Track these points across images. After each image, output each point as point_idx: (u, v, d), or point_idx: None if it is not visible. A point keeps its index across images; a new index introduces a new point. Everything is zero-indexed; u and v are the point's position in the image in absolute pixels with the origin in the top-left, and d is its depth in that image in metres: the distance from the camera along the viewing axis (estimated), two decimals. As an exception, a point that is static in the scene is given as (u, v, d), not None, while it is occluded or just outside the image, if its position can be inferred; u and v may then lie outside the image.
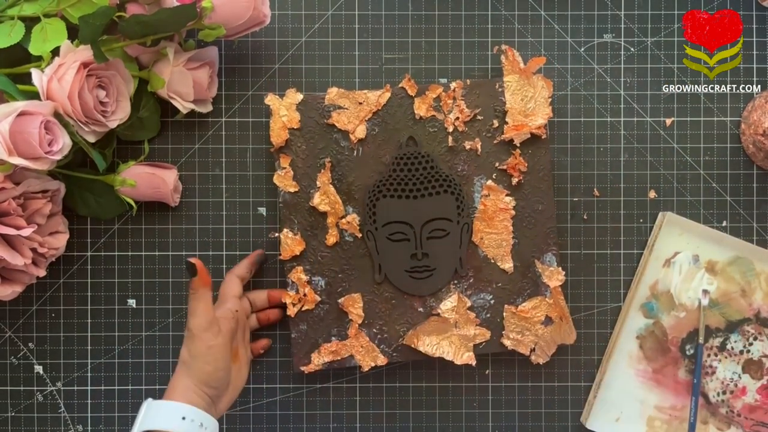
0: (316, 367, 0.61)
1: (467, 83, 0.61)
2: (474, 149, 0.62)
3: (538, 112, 0.61)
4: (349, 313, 0.61)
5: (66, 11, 0.56)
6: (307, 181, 0.61)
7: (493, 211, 0.62)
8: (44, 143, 0.52)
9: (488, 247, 0.62)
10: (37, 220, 0.57)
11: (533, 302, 0.62)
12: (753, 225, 0.65)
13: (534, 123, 0.61)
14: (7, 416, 0.64)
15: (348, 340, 0.61)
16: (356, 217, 0.61)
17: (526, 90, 0.61)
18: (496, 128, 0.62)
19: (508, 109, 0.61)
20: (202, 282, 0.53)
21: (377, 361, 0.61)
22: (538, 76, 0.61)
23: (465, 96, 0.61)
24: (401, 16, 0.64)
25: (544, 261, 0.62)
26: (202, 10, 0.55)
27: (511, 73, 0.61)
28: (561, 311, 0.62)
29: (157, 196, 0.61)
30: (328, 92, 0.61)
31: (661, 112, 0.65)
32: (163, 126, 0.63)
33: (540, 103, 0.61)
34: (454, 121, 0.61)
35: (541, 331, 0.62)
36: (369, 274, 0.62)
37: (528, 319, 0.62)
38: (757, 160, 0.64)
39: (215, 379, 0.53)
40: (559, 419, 0.65)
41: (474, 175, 0.62)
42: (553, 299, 0.62)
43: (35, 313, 0.64)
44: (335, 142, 0.61)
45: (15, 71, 0.56)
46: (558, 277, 0.62)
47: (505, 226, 0.62)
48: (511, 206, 0.62)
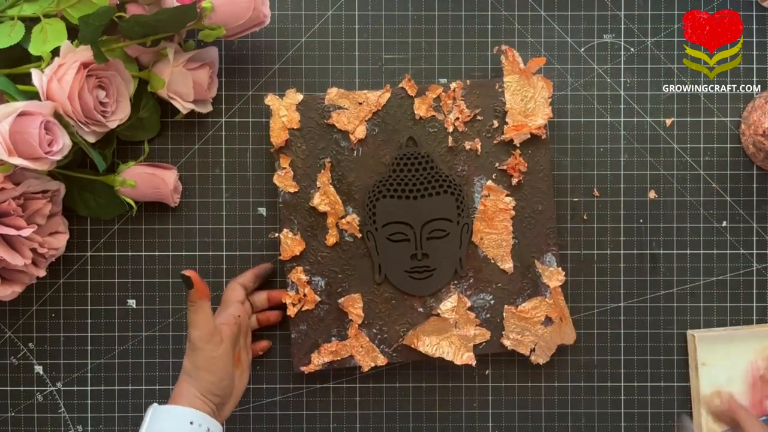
0: (316, 368, 0.61)
1: (467, 83, 0.61)
2: (474, 149, 0.62)
3: (538, 113, 0.61)
4: (349, 314, 0.61)
5: (66, 11, 0.56)
6: (307, 181, 0.61)
7: (493, 212, 0.62)
8: (44, 143, 0.52)
9: (488, 247, 0.62)
10: (37, 220, 0.57)
11: (533, 302, 0.62)
12: (753, 225, 0.65)
13: (534, 123, 0.61)
14: (7, 416, 0.64)
15: (348, 341, 0.61)
16: (356, 217, 0.61)
17: (526, 90, 0.61)
18: (496, 128, 0.62)
19: (508, 110, 0.61)
20: (200, 293, 0.53)
21: (377, 362, 0.61)
22: (538, 76, 0.61)
23: (465, 96, 0.61)
24: (401, 16, 0.64)
25: (544, 261, 0.62)
26: (202, 10, 0.55)
27: (511, 73, 0.61)
28: (561, 311, 0.62)
29: (157, 196, 0.61)
30: (328, 92, 0.61)
31: (661, 112, 0.65)
32: (163, 126, 0.63)
33: (540, 103, 0.61)
34: (454, 121, 0.61)
35: (541, 332, 0.62)
36: (369, 274, 0.62)
37: (528, 320, 0.62)
38: (757, 160, 0.64)
39: (220, 387, 0.53)
40: (559, 419, 0.65)
41: (474, 176, 0.62)
42: (553, 299, 0.62)
43: (35, 313, 0.64)
44: (335, 142, 0.61)
45: (15, 71, 0.56)
46: (558, 277, 0.62)
47: (505, 226, 0.62)
48: (511, 206, 0.62)
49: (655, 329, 0.65)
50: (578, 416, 0.65)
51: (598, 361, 0.65)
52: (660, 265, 0.65)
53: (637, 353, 0.65)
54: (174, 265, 0.64)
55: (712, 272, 0.65)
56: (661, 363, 0.65)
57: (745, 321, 0.65)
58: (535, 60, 0.61)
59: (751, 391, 0.64)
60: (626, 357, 0.65)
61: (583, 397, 0.65)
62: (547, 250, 0.62)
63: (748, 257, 0.65)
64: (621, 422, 0.65)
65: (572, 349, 0.64)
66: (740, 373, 0.64)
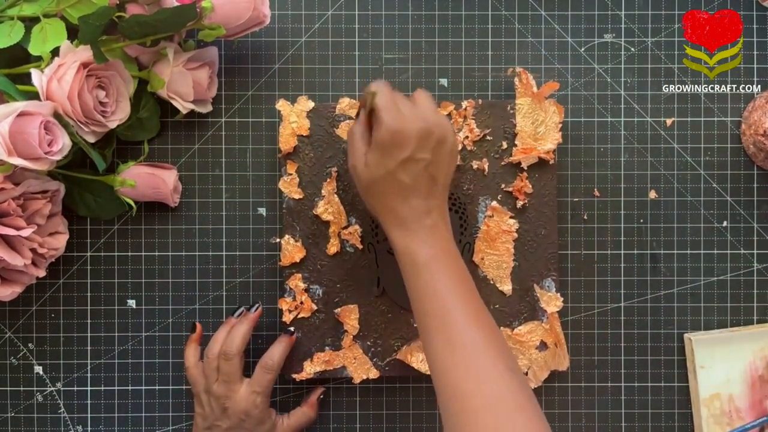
0: (308, 375, 0.61)
1: (479, 103, 0.61)
2: (481, 169, 0.61)
3: (547, 137, 0.61)
4: (345, 324, 0.61)
5: (66, 11, 0.56)
6: (312, 189, 0.61)
7: (495, 233, 0.61)
8: (44, 144, 0.52)
9: (488, 267, 0.62)
10: (37, 220, 0.57)
11: (529, 326, 0.62)
12: (753, 225, 0.65)
13: (543, 147, 0.61)
14: (6, 417, 0.64)
15: (341, 351, 0.61)
16: (359, 228, 0.61)
17: (537, 114, 0.61)
18: (505, 150, 0.61)
19: (518, 132, 0.61)
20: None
21: (369, 374, 0.61)
22: (551, 101, 0.61)
23: (476, 115, 0.61)
24: (401, 16, 0.64)
25: (543, 286, 0.62)
26: (202, 10, 0.55)
27: (524, 95, 0.61)
28: (556, 337, 0.61)
29: (156, 196, 0.61)
30: (339, 102, 0.61)
31: (661, 112, 0.65)
32: (163, 126, 0.63)
33: (550, 128, 0.61)
34: (463, 139, 0.61)
35: (535, 356, 0.62)
36: (367, 286, 0.61)
37: (523, 343, 0.61)
38: (757, 160, 0.64)
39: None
40: (559, 419, 0.65)
41: (479, 195, 0.62)
42: (550, 325, 0.61)
43: (35, 313, 0.64)
44: (343, 152, 0.61)
45: (15, 71, 0.56)
46: (556, 302, 0.61)
47: (506, 248, 0.62)
48: (514, 229, 0.61)
49: (655, 329, 0.65)
50: (578, 416, 0.65)
51: (598, 361, 0.64)
52: (660, 265, 0.65)
53: (637, 353, 0.65)
54: (174, 265, 0.64)
55: (713, 272, 0.65)
56: (662, 363, 0.65)
57: (746, 321, 0.65)
58: (548, 85, 0.61)
59: (750, 392, 0.64)
60: (626, 357, 0.65)
61: (583, 397, 0.65)
62: (547, 275, 0.62)
63: (748, 257, 0.65)
64: (621, 422, 0.65)
65: (572, 349, 0.64)
66: (739, 374, 0.64)
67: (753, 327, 0.64)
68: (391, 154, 0.49)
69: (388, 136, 0.48)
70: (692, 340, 0.63)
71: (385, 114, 0.49)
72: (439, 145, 0.50)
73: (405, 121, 0.49)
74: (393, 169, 0.49)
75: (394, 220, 0.50)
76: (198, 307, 0.64)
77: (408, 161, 0.49)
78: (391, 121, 0.48)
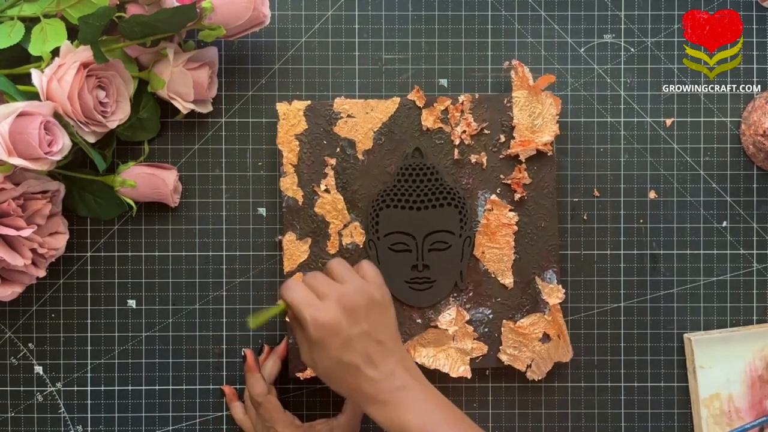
0: (311, 374, 0.61)
1: (476, 97, 0.61)
2: (479, 163, 0.61)
3: (545, 129, 0.61)
4: (347, 322, 0.61)
5: (66, 12, 0.56)
6: (311, 187, 0.61)
7: (495, 226, 0.61)
8: (44, 144, 0.52)
9: (489, 261, 0.62)
10: (37, 220, 0.57)
11: (531, 319, 0.62)
12: (753, 226, 0.65)
13: (541, 140, 0.61)
14: (6, 417, 0.64)
15: None
16: (359, 225, 0.61)
17: (534, 106, 0.61)
18: (503, 143, 0.61)
19: (515, 125, 0.61)
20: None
21: None
22: (547, 93, 0.61)
23: (473, 109, 0.61)
24: (401, 16, 0.64)
25: (545, 278, 0.62)
26: (202, 10, 0.55)
27: (520, 88, 0.61)
28: (559, 329, 0.62)
29: (156, 196, 0.61)
30: (336, 100, 0.61)
31: (661, 113, 0.65)
32: (163, 126, 0.63)
33: (548, 120, 0.61)
34: (461, 134, 0.61)
35: (538, 348, 0.62)
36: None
37: (525, 336, 0.61)
38: (757, 160, 0.64)
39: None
40: (559, 419, 0.65)
41: (478, 189, 0.62)
42: (552, 317, 0.61)
43: (35, 313, 0.64)
44: (341, 150, 0.61)
45: (15, 72, 0.56)
46: (558, 294, 0.61)
47: (507, 241, 0.62)
48: (514, 222, 0.61)
49: (655, 329, 0.65)
50: (578, 416, 0.65)
51: (598, 361, 0.65)
52: (660, 266, 0.65)
53: (637, 353, 0.65)
54: (174, 265, 0.64)
55: (713, 272, 0.65)
56: (661, 363, 0.65)
57: (746, 321, 0.65)
58: (544, 77, 0.61)
59: (750, 392, 0.64)
60: (626, 357, 0.65)
61: (583, 397, 0.65)
62: (548, 267, 0.62)
63: (748, 257, 0.65)
64: (621, 422, 0.65)
65: (573, 349, 0.64)
66: (738, 374, 0.64)
67: (753, 327, 0.64)
68: (328, 344, 0.47)
69: (314, 330, 0.47)
70: (692, 340, 0.63)
71: (303, 311, 0.48)
72: (370, 308, 0.49)
73: (325, 308, 0.47)
74: (338, 356, 0.48)
75: (365, 398, 0.48)
76: (198, 307, 0.64)
77: (347, 342, 0.48)
78: (310, 316, 0.47)
